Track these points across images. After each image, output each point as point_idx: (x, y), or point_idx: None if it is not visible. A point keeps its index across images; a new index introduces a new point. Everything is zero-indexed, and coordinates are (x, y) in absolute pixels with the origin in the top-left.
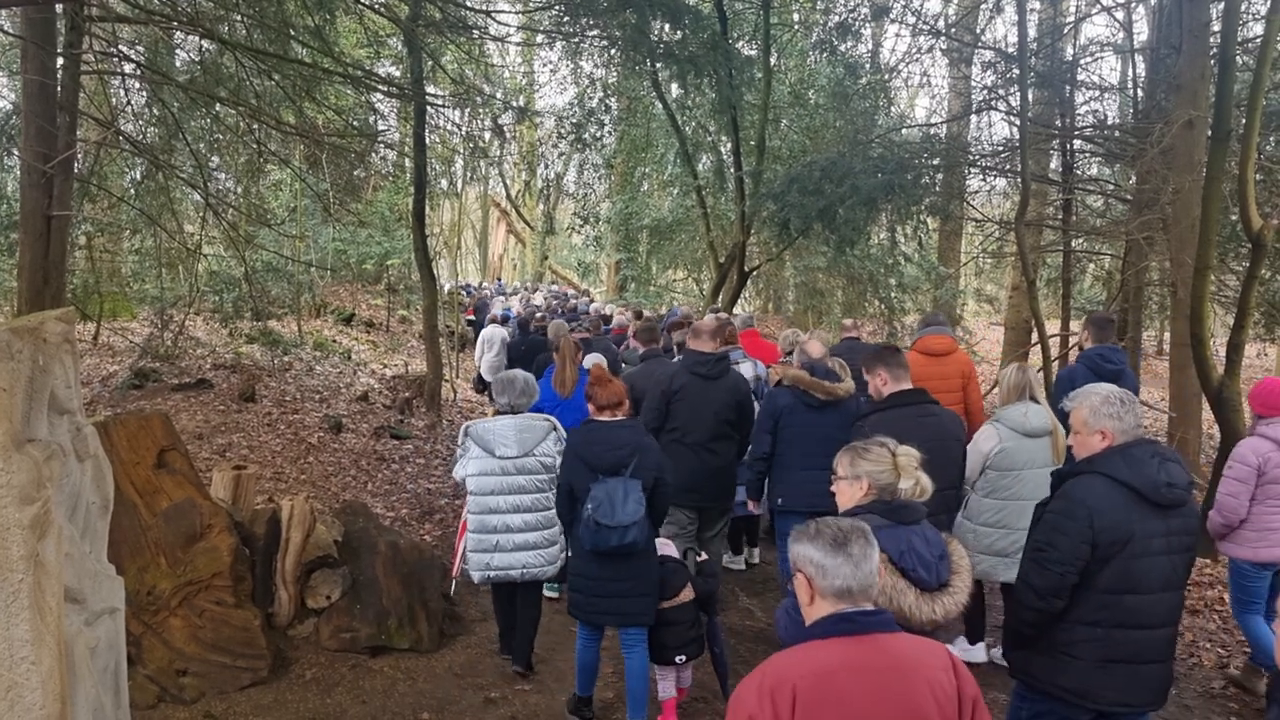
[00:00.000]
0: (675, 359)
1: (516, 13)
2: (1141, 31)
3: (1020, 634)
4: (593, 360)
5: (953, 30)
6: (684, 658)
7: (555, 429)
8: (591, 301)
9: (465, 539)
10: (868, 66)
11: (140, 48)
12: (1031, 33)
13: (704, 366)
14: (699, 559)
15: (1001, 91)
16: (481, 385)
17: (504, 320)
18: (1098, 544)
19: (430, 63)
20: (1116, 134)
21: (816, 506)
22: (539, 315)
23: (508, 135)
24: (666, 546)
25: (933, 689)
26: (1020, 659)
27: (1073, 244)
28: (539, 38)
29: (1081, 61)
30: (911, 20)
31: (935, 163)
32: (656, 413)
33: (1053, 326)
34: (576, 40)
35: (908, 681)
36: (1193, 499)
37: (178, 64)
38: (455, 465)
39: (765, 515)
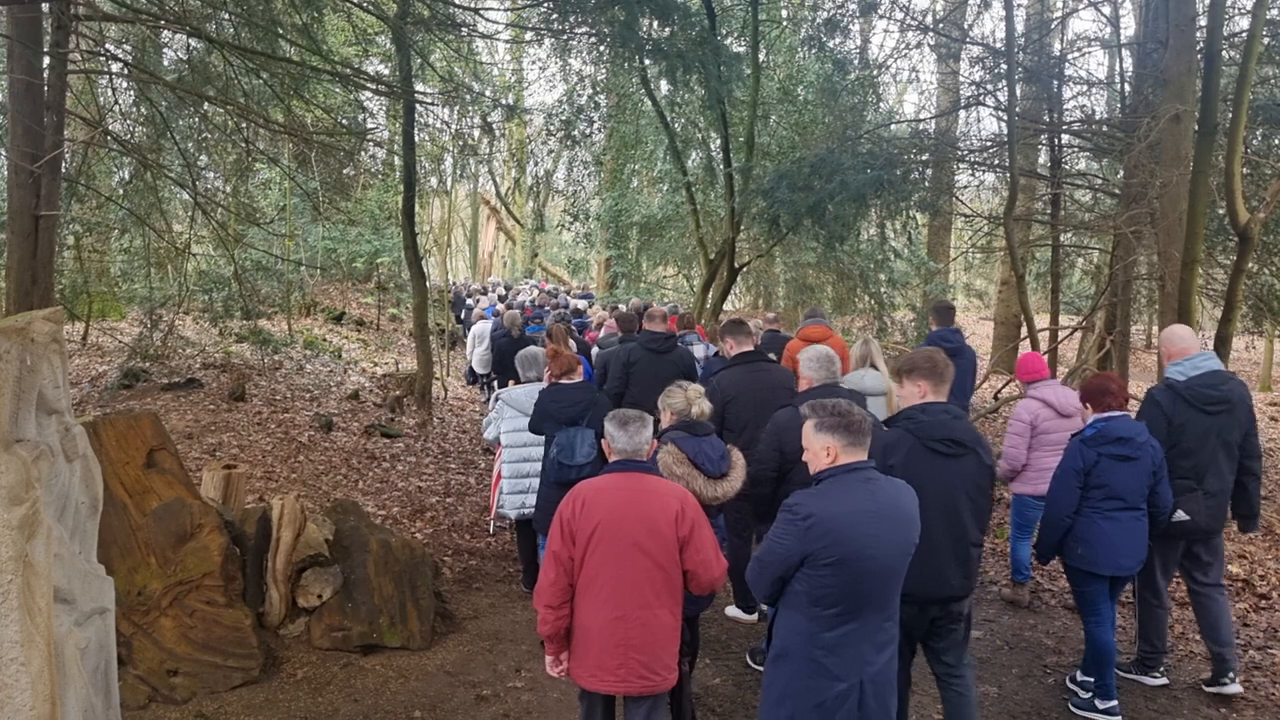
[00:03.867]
0: None
1: (505, 10)
2: (1129, 26)
3: (755, 513)
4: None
5: (941, 26)
6: None
7: None
8: (570, 294)
9: (501, 485)
10: (856, 62)
11: (127, 46)
12: (1019, 28)
13: (655, 343)
14: None
15: (989, 87)
16: (473, 377)
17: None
18: (784, 452)
19: (419, 60)
20: (1104, 129)
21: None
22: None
23: (497, 133)
24: None
25: (662, 505)
26: (762, 531)
27: (1061, 238)
28: (527, 35)
29: (1069, 56)
30: (900, 16)
31: (924, 158)
32: (619, 380)
33: (1042, 320)
34: (565, 37)
35: (647, 497)
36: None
37: (165, 63)
38: (487, 428)
39: None
